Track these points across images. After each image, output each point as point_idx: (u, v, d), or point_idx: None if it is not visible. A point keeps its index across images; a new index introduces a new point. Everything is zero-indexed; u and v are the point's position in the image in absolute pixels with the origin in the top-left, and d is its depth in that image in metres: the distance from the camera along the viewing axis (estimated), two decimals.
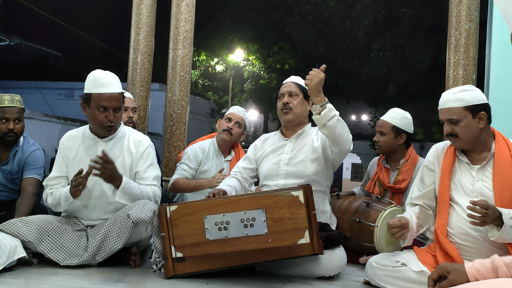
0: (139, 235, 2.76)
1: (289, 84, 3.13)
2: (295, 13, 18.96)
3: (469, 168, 2.51)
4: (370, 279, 2.59)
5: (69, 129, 13.25)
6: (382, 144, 3.60)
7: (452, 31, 4.58)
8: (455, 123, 2.45)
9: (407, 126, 3.57)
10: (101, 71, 2.88)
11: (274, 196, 2.51)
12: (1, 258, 2.41)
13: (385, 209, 3.14)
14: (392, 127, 3.56)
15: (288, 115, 3.05)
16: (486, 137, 2.49)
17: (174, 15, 5.12)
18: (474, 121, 2.43)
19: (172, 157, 5.01)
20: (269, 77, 21.41)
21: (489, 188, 2.41)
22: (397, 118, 3.57)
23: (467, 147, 2.51)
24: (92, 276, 2.51)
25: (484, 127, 2.46)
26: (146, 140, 3.00)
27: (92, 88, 2.80)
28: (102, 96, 2.78)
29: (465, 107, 2.43)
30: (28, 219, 2.72)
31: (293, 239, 2.47)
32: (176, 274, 2.52)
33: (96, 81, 2.80)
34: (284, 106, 3.06)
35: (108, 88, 2.79)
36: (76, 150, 2.93)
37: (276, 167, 3.02)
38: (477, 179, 2.46)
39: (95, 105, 2.80)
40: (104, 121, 2.81)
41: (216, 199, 2.60)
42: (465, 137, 2.45)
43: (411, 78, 18.21)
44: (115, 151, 2.90)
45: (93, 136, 2.94)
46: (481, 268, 1.74)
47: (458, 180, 2.51)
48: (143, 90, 4.88)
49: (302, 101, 3.07)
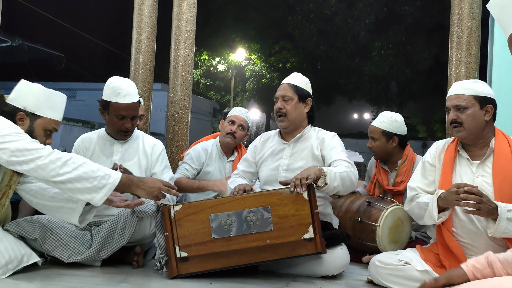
0: (143, 231, 2.80)
1: (284, 86, 3.01)
2: (297, 12, 18.97)
3: (469, 163, 2.52)
4: (374, 278, 2.59)
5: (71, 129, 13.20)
6: (376, 149, 3.59)
7: (454, 29, 4.57)
8: (462, 110, 2.47)
9: (398, 128, 3.54)
10: (119, 79, 3.00)
11: (279, 193, 2.56)
12: (12, 263, 2.40)
13: (386, 208, 3.14)
14: (382, 131, 3.54)
15: (283, 122, 2.98)
16: (488, 133, 2.51)
17: (176, 15, 5.13)
18: (481, 112, 2.47)
19: (174, 157, 5.01)
20: (271, 76, 21.43)
21: (489, 183, 2.42)
22: (386, 122, 3.55)
23: (469, 140, 2.51)
24: (95, 277, 2.51)
25: (489, 122, 2.49)
26: (160, 143, 3.19)
27: (111, 96, 2.94)
28: (121, 105, 2.93)
29: (474, 96, 2.47)
30: (32, 218, 2.75)
31: (297, 234, 2.52)
32: (180, 274, 2.53)
33: (116, 90, 2.93)
34: (278, 111, 2.98)
35: (126, 98, 2.94)
36: (92, 150, 3.07)
37: (275, 172, 2.98)
38: (477, 174, 2.47)
39: (114, 113, 2.95)
40: (122, 128, 2.98)
41: (221, 198, 2.64)
42: (469, 126, 2.46)
43: (413, 76, 18.21)
44: (130, 152, 3.06)
45: (109, 138, 3.10)
46: (477, 264, 1.75)
47: (459, 176, 2.52)
48: (145, 90, 4.88)
49: (297, 105, 2.97)
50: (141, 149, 3.06)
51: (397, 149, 3.58)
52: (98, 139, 3.10)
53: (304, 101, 3.00)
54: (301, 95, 2.98)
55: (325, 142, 2.94)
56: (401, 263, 2.47)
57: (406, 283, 2.41)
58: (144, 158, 3.04)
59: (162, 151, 3.14)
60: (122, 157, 3.01)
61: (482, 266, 1.74)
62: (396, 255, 2.56)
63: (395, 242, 3.14)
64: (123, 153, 3.00)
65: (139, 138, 3.12)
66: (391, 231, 3.13)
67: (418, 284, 2.35)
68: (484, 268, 1.73)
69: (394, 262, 2.49)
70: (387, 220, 3.10)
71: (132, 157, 3.00)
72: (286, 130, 3.02)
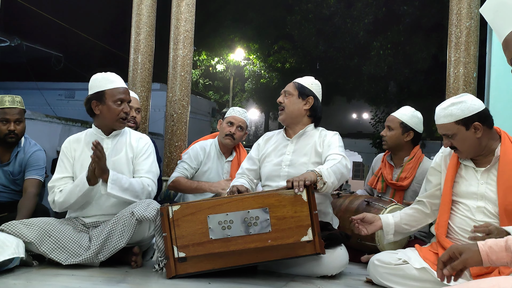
0: (142, 234, 2.79)
1: (289, 84, 3.15)
2: (296, 12, 18.96)
3: (474, 170, 2.50)
4: (372, 278, 2.59)
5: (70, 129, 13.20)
6: (389, 139, 3.61)
7: (453, 29, 4.57)
8: (451, 137, 2.46)
9: (416, 124, 3.57)
10: (104, 72, 3.01)
11: (278, 194, 2.54)
12: (9, 249, 2.46)
13: (385, 207, 3.14)
14: (400, 123, 3.57)
15: (281, 115, 3.11)
16: (489, 142, 2.46)
17: (175, 15, 5.12)
18: (469, 132, 2.41)
19: (173, 157, 5.01)
20: (269, 76, 21.42)
21: (493, 191, 2.40)
22: (407, 115, 3.58)
23: (472, 156, 2.50)
24: (94, 277, 2.51)
25: (483, 135, 2.42)
26: (146, 137, 3.15)
27: (105, 85, 2.94)
28: (118, 89, 2.95)
29: (456, 122, 2.42)
30: (29, 221, 2.74)
31: (296, 236, 2.50)
32: (178, 274, 2.53)
33: (107, 78, 2.96)
34: (279, 105, 3.11)
35: (120, 83, 2.97)
36: (81, 150, 3.00)
37: (277, 168, 3.01)
38: (482, 181, 2.46)
39: (112, 99, 2.92)
40: (122, 113, 2.95)
41: (219, 199, 2.62)
42: (464, 149, 2.46)
43: (411, 76, 18.19)
44: (118, 147, 3.02)
45: (99, 134, 3.02)
46: (494, 246, 1.70)
47: (463, 183, 2.51)
48: (144, 90, 4.88)
49: (295, 100, 3.05)
50: (128, 143, 3.04)
51: (408, 145, 3.59)
52: (86, 137, 3.04)
53: (304, 99, 3.05)
54: (301, 92, 3.05)
55: (325, 140, 2.99)
56: (400, 262, 2.47)
57: (405, 282, 2.42)
58: (131, 151, 3.02)
59: (146, 144, 3.07)
60: (111, 152, 2.97)
61: (499, 248, 1.69)
62: (395, 254, 2.56)
63: (394, 241, 3.13)
64: (112, 148, 2.98)
65: (126, 134, 3.10)
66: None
67: (417, 283, 2.37)
68: (500, 250, 1.68)
69: (393, 261, 2.49)
70: None
71: (120, 151, 2.99)
72: (284, 123, 3.11)
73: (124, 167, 2.93)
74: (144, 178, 2.94)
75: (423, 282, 2.34)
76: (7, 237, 2.55)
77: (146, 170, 2.98)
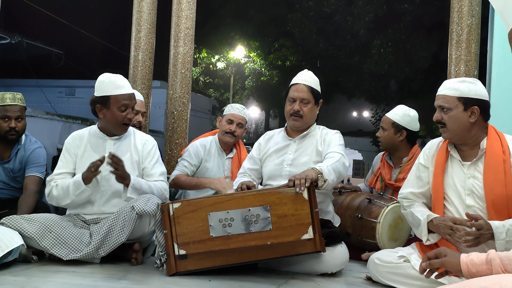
0: (142, 229, 2.80)
1: (302, 88, 3.02)
2: (296, 10, 18.92)
3: (460, 164, 2.49)
4: (372, 276, 2.59)
5: (70, 127, 13.24)
6: (383, 139, 3.61)
7: (454, 27, 4.57)
8: (445, 111, 2.44)
9: (408, 123, 3.55)
10: (112, 74, 3.00)
11: (278, 192, 2.53)
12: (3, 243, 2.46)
13: (387, 205, 3.14)
14: (392, 123, 3.56)
15: (297, 122, 3.02)
16: (478, 133, 2.45)
17: (175, 12, 5.12)
18: (465, 114, 2.40)
19: (173, 155, 5.01)
20: (270, 74, 21.39)
21: (480, 185, 2.39)
22: (399, 114, 3.56)
23: (455, 140, 2.49)
24: (94, 274, 2.51)
25: (476, 123, 2.42)
26: (151, 139, 3.15)
27: (111, 90, 2.92)
28: (123, 96, 2.93)
29: (458, 98, 2.41)
30: (30, 216, 2.76)
31: (296, 234, 2.50)
32: (178, 271, 2.53)
33: (114, 83, 2.93)
34: (295, 113, 3.01)
35: (126, 89, 2.96)
36: (84, 148, 3.01)
37: (279, 167, 3.01)
38: (469, 175, 2.44)
39: (116, 106, 2.92)
40: (125, 119, 2.96)
41: (220, 196, 2.63)
42: (452, 128, 2.43)
43: (412, 75, 18.17)
44: (122, 148, 3.02)
45: (101, 135, 3.04)
46: (475, 259, 1.76)
47: (451, 177, 2.49)
48: (144, 87, 4.88)
49: (313, 107, 3.04)
50: (132, 145, 3.04)
51: (404, 144, 3.58)
52: (90, 136, 3.05)
53: (317, 104, 3.07)
54: (316, 98, 3.04)
55: (326, 138, 2.99)
56: (400, 260, 2.47)
57: (404, 280, 2.41)
58: (136, 154, 3.03)
59: (153, 146, 3.09)
60: None
61: (480, 262, 1.75)
62: (395, 252, 2.56)
63: (394, 239, 3.14)
64: (115, 150, 2.97)
65: (131, 135, 3.09)
66: (391, 229, 3.13)
67: (417, 282, 2.36)
68: (481, 264, 1.74)
69: (393, 260, 2.49)
70: (387, 218, 3.11)
71: (124, 153, 2.97)
72: (298, 129, 3.07)
73: (128, 170, 2.90)
74: (160, 182, 3.01)
75: (423, 281, 2.34)
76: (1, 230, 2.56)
77: (159, 173, 3.04)
